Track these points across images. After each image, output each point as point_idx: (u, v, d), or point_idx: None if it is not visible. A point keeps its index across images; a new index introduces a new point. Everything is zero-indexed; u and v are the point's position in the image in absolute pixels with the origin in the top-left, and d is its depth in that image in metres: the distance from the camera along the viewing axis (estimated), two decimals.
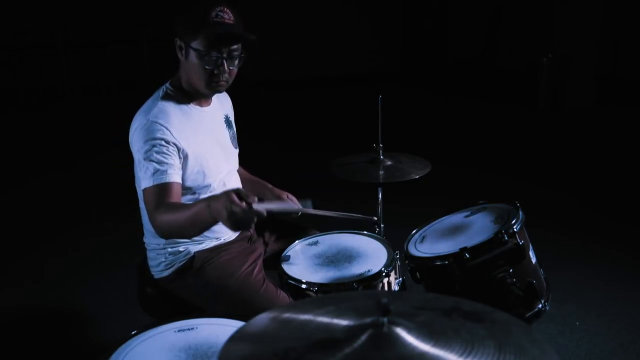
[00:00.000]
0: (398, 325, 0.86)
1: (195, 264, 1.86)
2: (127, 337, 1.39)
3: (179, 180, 1.73)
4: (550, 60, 7.17)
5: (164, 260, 1.88)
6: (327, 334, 0.88)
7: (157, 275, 1.92)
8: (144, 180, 1.70)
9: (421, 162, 2.37)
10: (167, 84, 1.89)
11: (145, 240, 1.95)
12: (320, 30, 9.22)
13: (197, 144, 1.80)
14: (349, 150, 2.53)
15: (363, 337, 0.84)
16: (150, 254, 1.93)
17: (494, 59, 8.96)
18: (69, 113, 7.83)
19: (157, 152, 1.69)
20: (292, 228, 2.20)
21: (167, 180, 1.68)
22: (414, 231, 2.17)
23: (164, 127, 1.72)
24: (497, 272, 1.82)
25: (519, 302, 1.80)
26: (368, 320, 0.87)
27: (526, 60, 7.64)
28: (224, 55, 1.76)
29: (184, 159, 1.77)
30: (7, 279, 3.30)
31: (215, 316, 1.50)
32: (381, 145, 2.37)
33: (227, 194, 1.50)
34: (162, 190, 1.68)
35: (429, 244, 2.04)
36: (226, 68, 1.78)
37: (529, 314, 1.86)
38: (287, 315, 0.98)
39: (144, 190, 1.70)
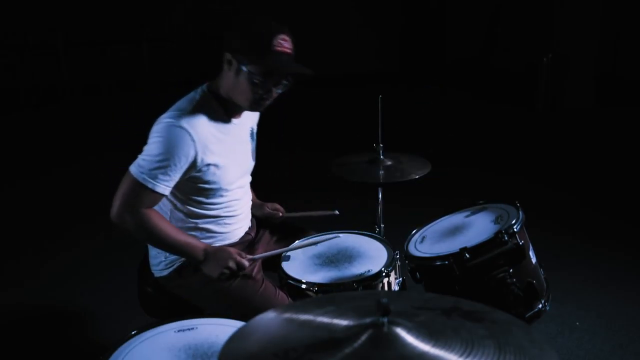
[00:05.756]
0: (398, 325, 0.86)
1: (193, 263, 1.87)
2: (127, 337, 1.39)
3: (166, 194, 1.75)
4: (550, 60, 7.17)
5: (164, 259, 1.89)
6: (327, 334, 0.88)
7: (157, 274, 1.93)
8: (139, 167, 1.70)
9: (421, 162, 2.37)
10: (205, 88, 1.84)
11: None
12: (320, 30, 9.22)
13: (220, 156, 1.79)
14: (349, 150, 2.53)
15: (363, 337, 0.85)
16: (151, 252, 1.94)
17: (493, 59, 8.96)
18: (68, 113, 7.83)
19: (169, 161, 1.68)
20: (292, 230, 2.20)
21: (157, 191, 1.71)
22: (414, 231, 2.17)
23: (191, 137, 1.70)
24: (497, 272, 1.82)
25: (518, 302, 1.80)
26: (368, 320, 0.87)
27: (526, 60, 7.64)
28: (275, 83, 1.76)
29: (203, 169, 1.76)
30: (7, 279, 3.30)
31: (215, 316, 1.50)
32: (381, 145, 2.37)
33: (225, 261, 1.76)
34: (146, 192, 1.70)
35: (429, 244, 2.04)
36: (274, 94, 1.79)
37: (529, 314, 1.86)
38: (287, 315, 0.98)
39: (130, 175, 1.71)
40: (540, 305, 1.88)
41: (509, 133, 6.43)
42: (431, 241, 2.06)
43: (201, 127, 1.73)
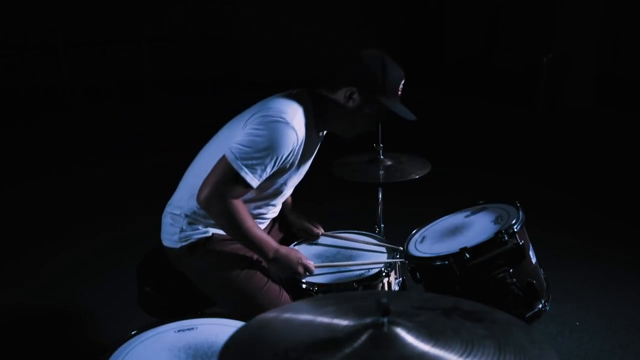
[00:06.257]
0: (398, 325, 0.86)
1: (208, 245, 1.85)
2: (127, 337, 1.39)
3: (255, 187, 1.75)
4: (550, 60, 7.17)
5: (179, 232, 1.86)
6: (327, 334, 0.88)
7: (166, 244, 1.90)
8: (238, 157, 1.69)
9: (421, 162, 2.37)
10: (307, 96, 1.86)
11: (172, 200, 1.93)
12: (320, 30, 9.22)
13: (296, 166, 1.85)
14: (349, 150, 2.53)
15: (363, 337, 0.85)
16: (166, 219, 1.91)
17: (493, 59, 8.96)
18: (68, 113, 7.83)
19: (270, 157, 1.70)
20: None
21: (251, 183, 1.71)
22: (414, 231, 2.17)
23: (297, 138, 1.74)
24: (497, 272, 1.82)
25: (518, 302, 1.80)
26: (368, 320, 0.87)
27: (526, 60, 7.64)
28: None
29: (280, 170, 1.79)
30: (7, 279, 3.30)
31: (215, 316, 1.50)
32: (381, 145, 2.37)
33: (295, 266, 1.82)
34: (240, 182, 1.70)
35: (429, 244, 2.04)
36: None
37: (529, 314, 1.86)
38: (287, 315, 0.98)
39: (225, 162, 1.70)
40: (540, 305, 1.88)
41: (509, 133, 6.43)
42: (431, 241, 2.06)
43: (302, 131, 1.77)
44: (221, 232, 1.87)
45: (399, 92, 1.84)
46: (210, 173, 1.73)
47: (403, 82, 1.84)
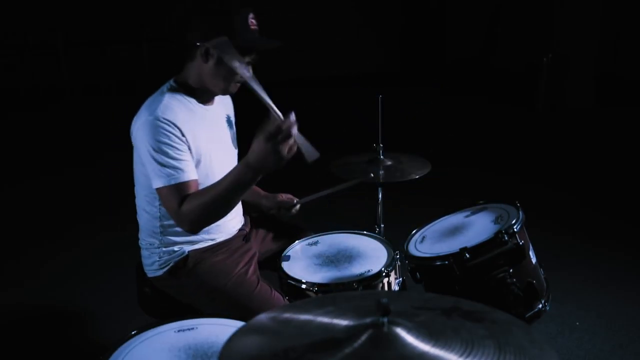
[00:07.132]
0: (398, 325, 0.86)
1: (189, 263, 1.85)
2: (127, 337, 1.39)
3: (196, 177, 1.71)
4: (550, 60, 7.17)
5: (157, 259, 1.87)
6: (327, 334, 0.88)
7: (150, 274, 1.91)
8: (158, 178, 1.66)
9: (421, 162, 2.37)
10: (172, 82, 1.85)
11: (140, 237, 1.95)
12: (320, 30, 9.22)
13: (202, 143, 1.77)
14: (349, 150, 2.53)
15: (363, 337, 0.85)
16: (144, 253, 1.92)
17: (493, 59, 8.96)
18: (68, 113, 7.83)
19: (171, 150, 1.66)
20: (289, 228, 2.20)
21: (186, 179, 1.67)
22: (414, 231, 2.17)
23: (173, 123, 1.68)
24: (497, 272, 1.82)
25: (518, 302, 1.80)
26: (368, 320, 0.87)
27: (526, 60, 7.64)
28: (249, 61, 1.75)
29: (196, 159, 1.76)
30: (7, 279, 3.30)
31: (215, 316, 1.50)
32: (381, 145, 2.36)
33: (278, 151, 1.51)
34: (181, 189, 1.66)
35: (429, 244, 2.04)
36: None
37: (529, 314, 1.86)
38: (287, 315, 0.98)
39: (160, 189, 1.68)
40: (540, 305, 1.88)
41: (509, 133, 6.43)
42: (431, 241, 2.06)
43: (176, 114, 1.71)
44: (195, 247, 1.87)
45: (254, 26, 1.74)
46: (165, 207, 1.72)
47: (251, 14, 1.74)
